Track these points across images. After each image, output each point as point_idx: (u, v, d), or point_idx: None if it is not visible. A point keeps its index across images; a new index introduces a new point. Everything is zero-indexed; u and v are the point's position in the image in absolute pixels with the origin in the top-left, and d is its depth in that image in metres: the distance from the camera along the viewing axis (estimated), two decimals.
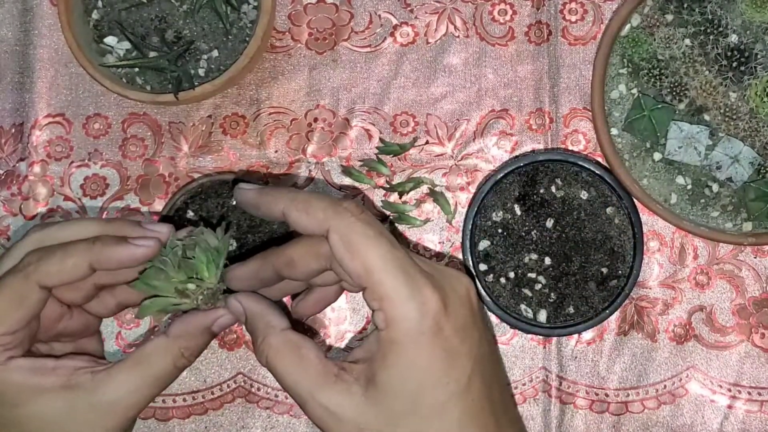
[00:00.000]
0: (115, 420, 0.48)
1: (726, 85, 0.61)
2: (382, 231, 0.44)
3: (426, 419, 0.42)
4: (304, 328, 0.64)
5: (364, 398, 0.43)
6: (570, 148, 0.64)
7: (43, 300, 0.48)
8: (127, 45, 0.62)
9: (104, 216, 0.64)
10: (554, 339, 0.63)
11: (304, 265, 0.46)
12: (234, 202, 0.61)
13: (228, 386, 0.64)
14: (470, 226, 0.61)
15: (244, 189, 0.49)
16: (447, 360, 0.42)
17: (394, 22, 0.65)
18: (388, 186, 0.64)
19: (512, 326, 0.62)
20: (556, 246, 0.61)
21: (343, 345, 0.64)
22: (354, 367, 0.44)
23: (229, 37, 0.62)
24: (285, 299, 0.58)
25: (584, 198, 0.61)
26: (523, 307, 0.61)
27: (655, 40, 0.62)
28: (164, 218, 0.61)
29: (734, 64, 0.61)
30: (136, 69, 0.62)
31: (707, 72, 0.61)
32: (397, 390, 0.42)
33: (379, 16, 0.65)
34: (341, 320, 0.64)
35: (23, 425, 0.47)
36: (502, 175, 0.61)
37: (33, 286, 0.47)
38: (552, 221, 0.61)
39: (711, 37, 0.61)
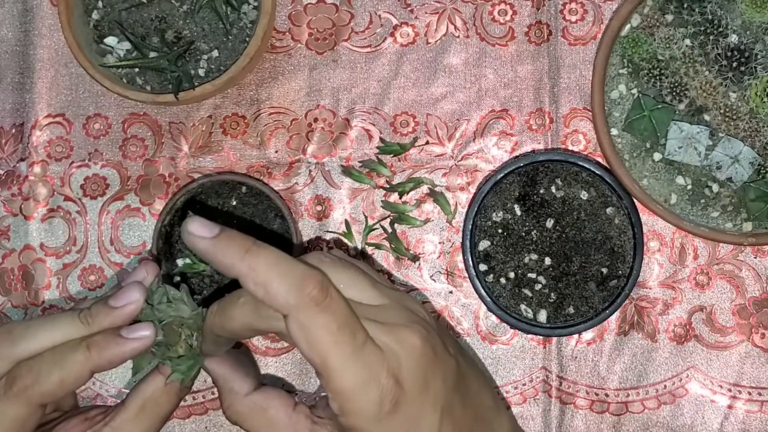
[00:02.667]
0: None
1: (726, 86, 0.61)
2: (345, 319, 0.41)
3: None
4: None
5: None
6: (570, 148, 0.64)
7: (43, 413, 0.47)
8: (127, 45, 0.62)
9: (105, 216, 0.64)
10: (554, 339, 0.63)
11: (247, 332, 0.45)
12: (234, 203, 0.61)
13: None
14: (470, 226, 0.61)
15: (194, 232, 0.42)
16: (412, 428, 0.42)
17: (395, 22, 0.65)
18: (388, 186, 0.64)
19: (512, 326, 0.62)
20: (556, 246, 0.61)
21: None
22: (326, 422, 0.45)
23: (230, 37, 0.62)
24: None
25: (584, 198, 0.61)
26: (523, 307, 0.61)
27: (655, 40, 0.62)
28: (160, 227, 0.61)
29: (734, 65, 0.61)
30: (137, 69, 0.62)
31: (707, 72, 0.61)
32: None
33: (380, 16, 0.65)
34: None
35: None
36: (502, 175, 0.61)
37: (34, 409, 0.46)
38: (552, 221, 0.61)
39: (711, 38, 0.61)
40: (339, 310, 0.41)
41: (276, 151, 0.65)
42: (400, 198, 0.64)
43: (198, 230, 0.42)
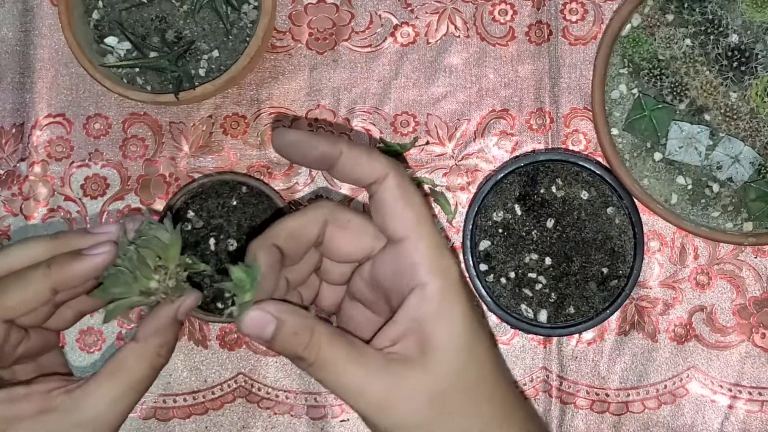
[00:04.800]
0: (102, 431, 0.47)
1: (726, 85, 0.61)
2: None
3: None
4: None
5: (420, 367, 0.43)
6: (570, 148, 0.64)
7: (6, 333, 0.47)
8: (127, 45, 0.62)
9: (104, 217, 0.64)
10: (555, 339, 0.63)
11: (303, 234, 0.44)
12: (235, 203, 0.61)
13: (228, 386, 0.64)
14: (471, 226, 0.61)
15: (290, 131, 0.45)
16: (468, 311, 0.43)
17: (395, 22, 0.65)
18: None
19: (513, 326, 0.62)
20: (556, 246, 0.61)
21: None
22: (397, 348, 0.43)
23: (230, 37, 0.62)
24: None
25: (585, 198, 0.61)
26: (523, 307, 0.61)
27: (655, 40, 0.62)
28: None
29: (735, 64, 0.61)
30: (137, 69, 0.62)
31: (708, 72, 0.61)
32: (447, 352, 0.43)
33: (380, 16, 0.65)
34: None
35: None
36: (502, 175, 0.61)
37: None
38: (552, 221, 0.61)
39: (711, 37, 0.61)
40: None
41: None
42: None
43: (293, 130, 0.45)
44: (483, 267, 0.61)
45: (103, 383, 0.47)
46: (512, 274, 0.61)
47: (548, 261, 0.61)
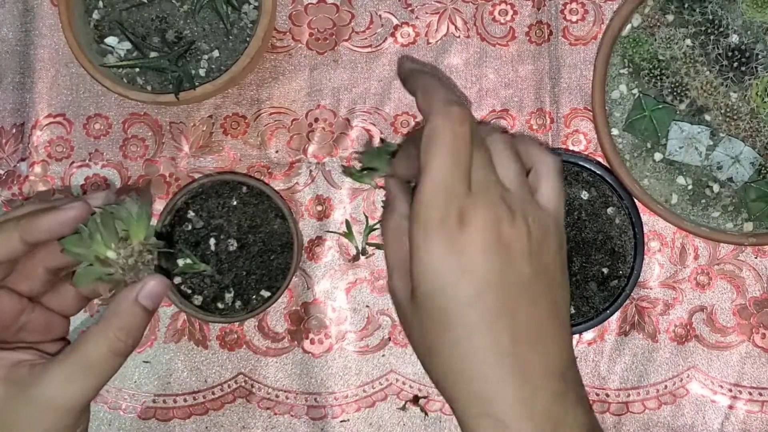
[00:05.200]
0: (55, 415, 0.46)
1: (727, 86, 0.61)
2: (458, 147, 0.44)
3: (435, 324, 0.43)
4: None
5: (410, 293, 0.44)
6: (571, 148, 0.64)
7: None
8: (127, 45, 0.62)
9: None
10: None
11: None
12: (235, 203, 0.61)
13: (229, 386, 0.64)
14: None
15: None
16: (455, 271, 0.43)
17: (395, 22, 0.65)
18: None
19: None
20: None
21: (344, 344, 0.64)
22: None
23: (230, 37, 0.62)
24: None
25: (585, 198, 0.61)
26: None
27: (655, 40, 0.62)
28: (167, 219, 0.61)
29: (735, 65, 0.61)
30: (137, 69, 0.62)
31: (708, 72, 0.61)
32: (420, 293, 0.44)
33: (380, 16, 0.65)
34: (342, 320, 0.64)
35: None
36: None
37: None
38: None
39: (712, 38, 0.61)
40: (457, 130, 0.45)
41: (276, 151, 0.65)
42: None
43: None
44: None
45: (61, 363, 0.46)
46: None
47: None
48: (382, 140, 0.64)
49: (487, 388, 0.42)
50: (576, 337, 0.63)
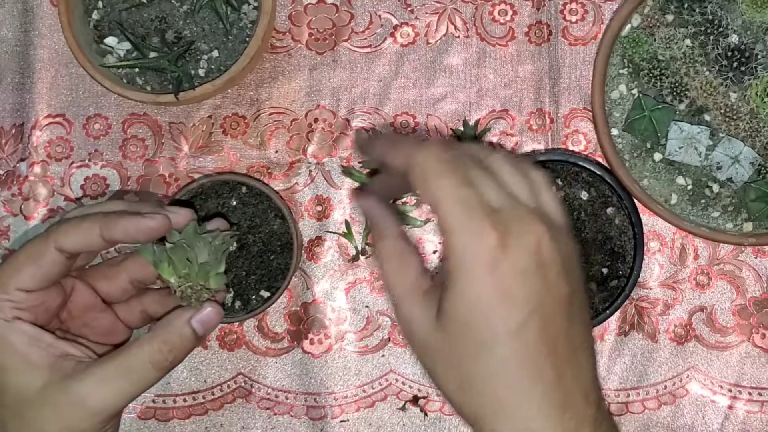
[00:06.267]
0: (81, 414, 0.47)
1: (726, 86, 0.61)
2: (455, 168, 0.43)
3: (473, 356, 0.42)
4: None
5: (435, 321, 0.43)
6: (570, 148, 0.64)
7: (60, 263, 0.49)
8: (127, 45, 0.62)
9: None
10: None
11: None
12: (234, 203, 0.61)
13: (228, 386, 0.64)
14: None
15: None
16: (497, 298, 0.41)
17: (395, 22, 0.65)
18: None
19: None
20: None
21: (343, 344, 0.64)
22: (437, 289, 0.44)
23: (230, 37, 0.62)
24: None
25: (584, 198, 0.61)
26: None
27: (655, 40, 0.62)
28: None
29: (734, 65, 0.61)
30: (137, 69, 0.62)
31: (707, 72, 0.61)
32: (453, 322, 0.42)
33: (380, 16, 0.65)
34: (341, 320, 0.64)
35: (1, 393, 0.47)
36: None
37: (49, 246, 0.48)
38: None
39: (711, 38, 0.61)
40: (453, 159, 0.44)
41: (276, 152, 0.65)
42: (399, 200, 0.64)
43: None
44: None
45: (100, 363, 0.48)
46: None
47: None
48: None
49: (532, 425, 0.41)
50: None
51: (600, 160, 0.63)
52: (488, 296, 0.41)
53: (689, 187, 0.61)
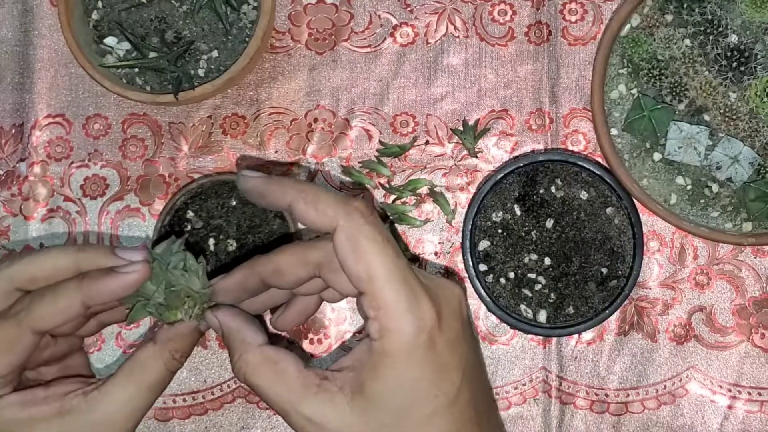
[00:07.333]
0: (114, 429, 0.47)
1: (726, 86, 0.61)
2: (388, 237, 0.43)
3: (412, 431, 0.42)
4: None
5: (350, 408, 0.42)
6: (570, 148, 0.64)
7: (36, 344, 0.47)
8: (126, 45, 0.62)
9: (104, 217, 0.64)
10: (554, 339, 0.63)
11: (291, 274, 0.45)
12: (234, 203, 0.61)
13: (228, 386, 0.64)
14: (470, 227, 0.61)
15: (250, 176, 0.47)
16: (437, 374, 0.42)
17: (394, 22, 0.65)
18: (388, 186, 0.64)
19: (512, 326, 0.62)
20: (555, 246, 0.61)
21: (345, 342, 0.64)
22: (338, 375, 0.43)
23: (229, 37, 0.62)
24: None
25: (584, 198, 0.61)
26: (523, 307, 0.61)
27: (654, 40, 0.62)
28: (160, 234, 0.61)
29: (734, 65, 0.61)
30: (136, 69, 0.62)
31: (707, 72, 0.61)
32: (385, 401, 0.42)
33: (379, 16, 0.65)
34: (341, 320, 0.64)
35: None
36: (502, 175, 0.61)
37: (26, 332, 0.46)
38: (552, 221, 0.61)
39: (711, 38, 0.61)
40: (383, 227, 0.43)
41: (276, 152, 0.65)
42: (398, 200, 0.64)
43: (253, 173, 0.47)
44: (482, 267, 0.61)
45: (119, 383, 0.47)
46: (511, 275, 0.61)
47: (547, 261, 0.61)
48: (380, 142, 0.64)
49: None
50: (575, 337, 0.63)
51: (599, 160, 0.63)
52: (429, 374, 0.42)
53: (689, 187, 0.61)
